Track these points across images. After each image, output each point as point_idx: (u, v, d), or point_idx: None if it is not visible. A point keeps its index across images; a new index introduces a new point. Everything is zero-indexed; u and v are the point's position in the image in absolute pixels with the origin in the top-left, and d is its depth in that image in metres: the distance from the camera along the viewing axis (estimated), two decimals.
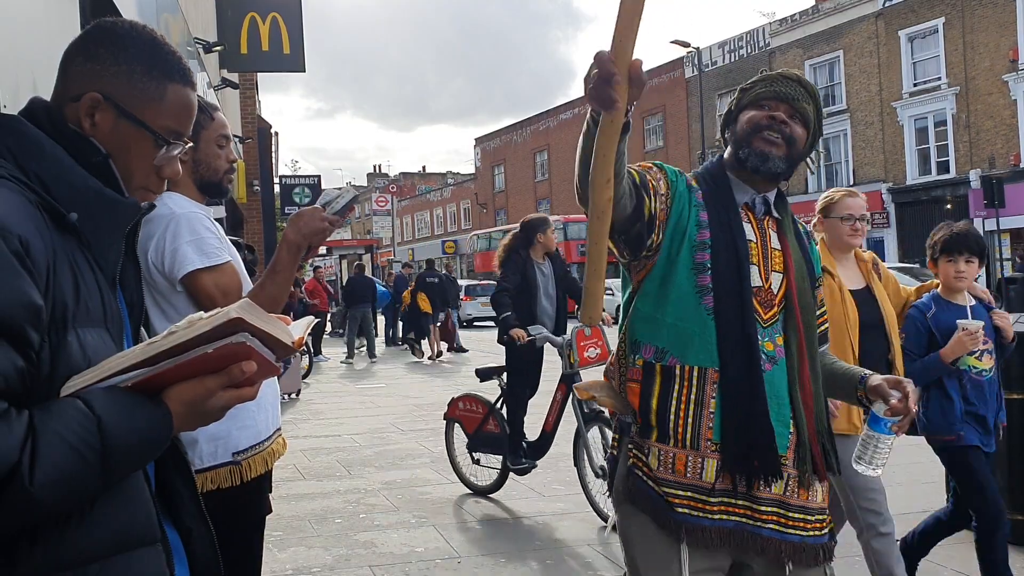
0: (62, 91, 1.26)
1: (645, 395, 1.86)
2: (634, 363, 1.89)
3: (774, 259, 1.94)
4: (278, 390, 2.43)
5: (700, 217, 1.90)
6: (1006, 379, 4.35)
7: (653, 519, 1.85)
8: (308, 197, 21.80)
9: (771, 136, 1.92)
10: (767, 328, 1.88)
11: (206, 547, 1.32)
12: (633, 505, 1.89)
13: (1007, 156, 24.94)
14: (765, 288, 1.90)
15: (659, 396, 1.85)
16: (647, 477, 1.86)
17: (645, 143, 38.95)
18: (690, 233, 1.88)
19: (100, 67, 1.24)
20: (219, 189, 2.38)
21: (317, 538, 4.80)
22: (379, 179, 72.26)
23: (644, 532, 1.88)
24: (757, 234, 1.94)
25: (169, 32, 6.46)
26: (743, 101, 2.01)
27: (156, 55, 1.27)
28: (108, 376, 1.09)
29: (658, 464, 1.85)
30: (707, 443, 1.82)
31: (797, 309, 1.90)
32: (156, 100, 1.26)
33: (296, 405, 10.21)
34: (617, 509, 1.97)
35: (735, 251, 1.86)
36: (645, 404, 1.87)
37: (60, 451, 1.01)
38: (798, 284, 1.92)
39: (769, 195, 2.00)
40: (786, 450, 1.86)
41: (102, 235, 1.20)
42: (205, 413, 1.14)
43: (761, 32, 33.13)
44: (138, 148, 1.26)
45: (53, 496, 1.01)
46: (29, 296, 1.05)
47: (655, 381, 1.86)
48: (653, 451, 1.85)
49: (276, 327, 1.13)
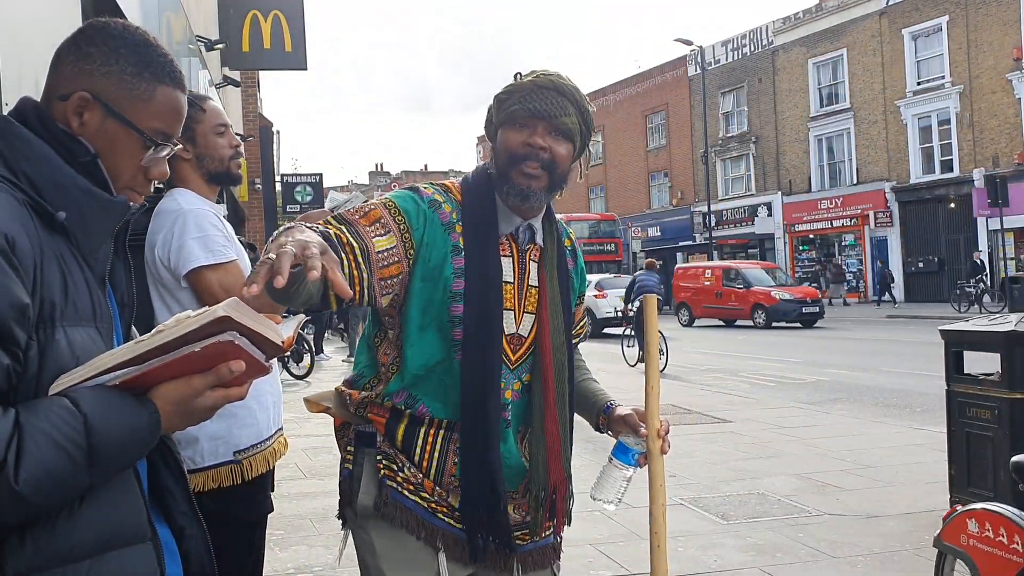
0: (52, 89, 1.25)
1: (390, 429, 1.78)
2: (382, 402, 1.78)
3: (529, 298, 1.83)
4: (280, 390, 2.42)
5: (455, 265, 1.74)
6: (1009, 379, 4.34)
7: (410, 530, 1.75)
8: (310, 196, 21.82)
9: (530, 169, 1.75)
10: (514, 371, 1.81)
11: (199, 546, 1.32)
12: (384, 520, 1.76)
13: (1011, 154, 24.88)
14: (516, 333, 1.81)
15: (404, 434, 1.77)
16: (401, 486, 1.76)
17: (648, 141, 38.91)
18: (446, 278, 1.74)
19: (91, 67, 1.24)
20: (229, 177, 2.38)
21: (319, 537, 4.80)
22: (381, 177, 72.32)
23: (399, 545, 1.76)
24: (516, 271, 1.82)
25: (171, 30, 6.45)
26: (500, 116, 1.81)
27: (147, 57, 1.27)
28: (96, 374, 1.08)
29: (411, 477, 1.77)
30: (451, 478, 1.76)
31: (549, 348, 1.81)
32: (145, 101, 1.26)
33: (298, 404, 10.20)
34: (358, 526, 1.80)
35: (487, 304, 1.74)
36: (390, 435, 1.78)
37: (46, 449, 1.01)
38: (551, 323, 1.83)
39: (535, 222, 1.85)
40: (518, 492, 1.83)
41: (91, 234, 1.20)
42: (193, 412, 1.14)
43: (764, 30, 33.08)
44: (125, 148, 1.26)
45: (39, 494, 1.01)
46: (15, 295, 1.04)
47: (402, 422, 1.77)
48: (406, 466, 1.77)
49: (265, 326, 1.12)
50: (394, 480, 1.76)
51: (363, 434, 1.81)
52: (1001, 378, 4.41)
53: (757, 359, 13.73)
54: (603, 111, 40.92)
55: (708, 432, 7.40)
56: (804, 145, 31.61)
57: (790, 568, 4.10)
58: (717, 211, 33.56)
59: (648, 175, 39.05)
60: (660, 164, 38.27)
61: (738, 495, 5.44)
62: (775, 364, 13.01)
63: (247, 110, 17.33)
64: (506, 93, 1.81)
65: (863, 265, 29.91)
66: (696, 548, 4.34)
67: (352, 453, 1.82)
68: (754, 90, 33.66)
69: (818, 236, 31.59)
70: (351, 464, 1.82)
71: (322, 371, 14.13)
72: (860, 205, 29.33)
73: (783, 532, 4.66)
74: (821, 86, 31.24)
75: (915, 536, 4.44)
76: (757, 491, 5.51)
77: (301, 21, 10.33)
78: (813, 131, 31.25)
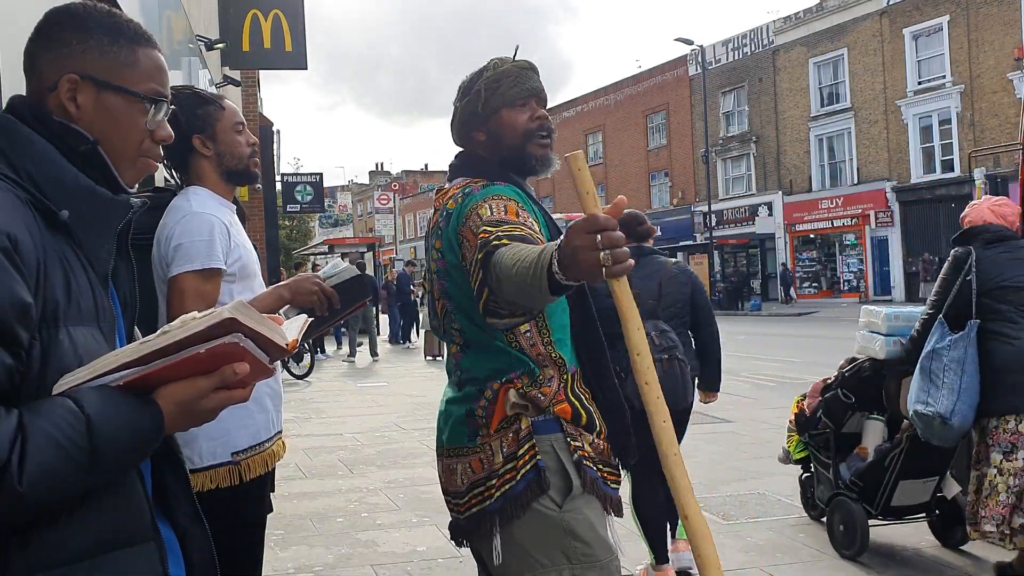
0: (38, 86, 1.25)
1: (575, 407, 1.96)
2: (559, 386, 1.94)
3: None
4: (281, 392, 2.42)
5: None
6: None
7: (601, 500, 1.94)
8: (310, 195, 21.77)
9: (543, 139, 2.04)
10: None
11: (202, 546, 1.32)
12: (590, 494, 1.92)
13: (1012, 154, 24.85)
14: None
15: (581, 405, 1.97)
16: (590, 462, 1.93)
17: (649, 141, 38.88)
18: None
19: (68, 50, 1.24)
20: (247, 175, 2.37)
21: (319, 537, 4.80)
22: (381, 176, 72.26)
23: (599, 517, 1.93)
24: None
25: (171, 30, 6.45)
26: (495, 100, 2.01)
27: (117, 25, 1.27)
28: (100, 375, 1.08)
29: (590, 447, 1.95)
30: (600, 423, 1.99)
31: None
32: (130, 65, 1.26)
33: (298, 404, 10.21)
34: (565, 510, 1.89)
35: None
36: (575, 414, 1.96)
37: (49, 450, 1.01)
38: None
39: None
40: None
41: (93, 233, 1.20)
42: (197, 413, 1.14)
43: (765, 30, 33.06)
44: (128, 117, 1.26)
45: (41, 494, 1.01)
46: (18, 294, 1.04)
47: (580, 396, 1.98)
48: (586, 437, 1.94)
49: (270, 328, 1.12)
50: (587, 458, 1.92)
51: (542, 423, 1.92)
52: None
53: (757, 359, 13.71)
54: (603, 111, 40.87)
55: (708, 432, 7.39)
56: (805, 145, 31.59)
57: (791, 568, 4.10)
58: (717, 211, 33.53)
59: (648, 175, 39.02)
60: (660, 164, 38.24)
61: (739, 495, 5.43)
62: (775, 364, 13.00)
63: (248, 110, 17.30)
64: (495, 80, 2.02)
65: (864, 265, 29.89)
66: None
67: (533, 446, 1.90)
68: (755, 90, 33.64)
69: (819, 236, 31.58)
70: (539, 455, 1.90)
71: (322, 371, 14.13)
72: (861, 205, 29.31)
73: (784, 532, 4.66)
74: (822, 86, 31.22)
75: (916, 536, 4.44)
76: (758, 491, 5.51)
77: (301, 20, 10.32)
78: (814, 131, 31.23)
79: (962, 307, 3.67)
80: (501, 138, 2.02)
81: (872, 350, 4.21)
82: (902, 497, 4.14)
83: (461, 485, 1.98)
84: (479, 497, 1.93)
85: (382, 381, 12.66)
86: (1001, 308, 3.60)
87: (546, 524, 1.88)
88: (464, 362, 2.00)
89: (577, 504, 1.90)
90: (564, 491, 1.89)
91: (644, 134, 39.03)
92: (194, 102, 2.30)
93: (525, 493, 1.87)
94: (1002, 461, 3.48)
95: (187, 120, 2.25)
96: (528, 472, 1.87)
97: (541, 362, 1.93)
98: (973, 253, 3.68)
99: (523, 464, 1.88)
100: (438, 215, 2.05)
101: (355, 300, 2.45)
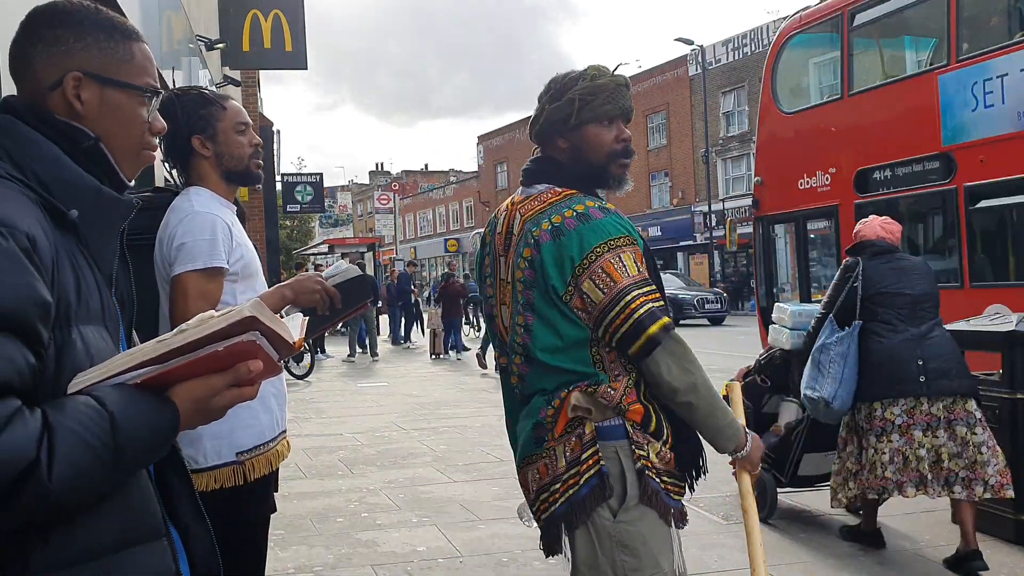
0: (35, 87, 1.25)
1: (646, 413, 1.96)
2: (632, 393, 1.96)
3: None
4: (285, 393, 2.42)
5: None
6: (1009, 380, 4.34)
7: (660, 513, 1.93)
8: (310, 195, 21.79)
9: (625, 162, 2.06)
10: None
11: (204, 545, 1.32)
12: (648, 507, 1.91)
13: None
14: None
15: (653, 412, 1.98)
16: (652, 472, 1.92)
17: (648, 141, 38.90)
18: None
19: (65, 48, 1.24)
20: (247, 176, 2.37)
21: (319, 537, 4.80)
22: (381, 176, 72.23)
23: (656, 529, 1.92)
24: None
25: (171, 29, 6.45)
26: (586, 113, 2.00)
27: (107, 21, 1.29)
28: (117, 373, 1.08)
29: (656, 457, 1.94)
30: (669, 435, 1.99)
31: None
32: (128, 60, 1.29)
33: (298, 404, 10.21)
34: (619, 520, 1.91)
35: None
36: (646, 420, 1.97)
37: (76, 447, 1.01)
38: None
39: None
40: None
41: (99, 233, 1.21)
42: (209, 411, 1.14)
43: (765, 30, 33.06)
44: (130, 111, 1.28)
45: (70, 492, 1.01)
46: (40, 293, 1.05)
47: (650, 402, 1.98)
48: (653, 446, 1.93)
49: (282, 327, 1.14)
50: (650, 468, 1.91)
51: (608, 428, 1.92)
52: (1001, 378, 4.41)
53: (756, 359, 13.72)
54: None
55: None
56: None
57: (791, 568, 4.11)
58: (718, 211, 33.54)
59: (649, 175, 39.03)
60: (660, 164, 38.25)
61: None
62: None
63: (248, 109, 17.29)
64: (590, 92, 1.99)
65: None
66: (698, 548, 4.33)
67: (597, 451, 1.91)
68: (755, 90, 33.64)
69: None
70: (602, 461, 1.90)
71: (322, 371, 14.13)
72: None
73: (785, 532, 4.66)
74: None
75: (916, 536, 4.44)
76: (758, 491, 5.51)
77: (301, 20, 10.33)
78: None
79: (848, 309, 4.18)
80: (584, 152, 2.02)
81: (780, 341, 4.81)
82: (807, 467, 4.76)
83: (531, 491, 2.01)
84: (546, 503, 1.96)
85: (382, 381, 12.65)
86: (879, 311, 4.10)
87: (598, 534, 1.90)
88: (531, 376, 2.01)
89: (632, 515, 1.90)
90: (621, 498, 1.90)
91: (644, 134, 39.03)
92: (197, 103, 2.30)
93: (588, 498, 1.89)
94: (876, 441, 4.02)
95: (187, 120, 2.25)
96: (591, 478, 1.89)
97: (614, 371, 1.94)
98: (860, 263, 4.17)
99: (586, 469, 1.89)
100: (526, 221, 2.00)
101: (356, 301, 2.45)
